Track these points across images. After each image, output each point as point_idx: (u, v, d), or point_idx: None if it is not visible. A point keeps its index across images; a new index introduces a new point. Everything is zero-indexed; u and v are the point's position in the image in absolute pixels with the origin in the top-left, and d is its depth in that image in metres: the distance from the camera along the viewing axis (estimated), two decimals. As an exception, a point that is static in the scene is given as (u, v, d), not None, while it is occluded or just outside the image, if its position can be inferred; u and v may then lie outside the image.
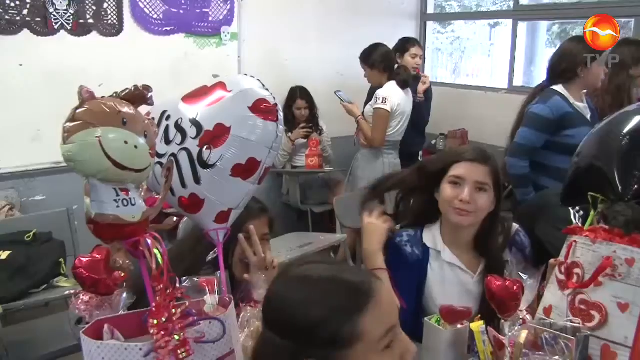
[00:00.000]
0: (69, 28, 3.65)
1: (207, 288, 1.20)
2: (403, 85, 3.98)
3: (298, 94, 4.65)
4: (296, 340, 0.95)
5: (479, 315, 1.53)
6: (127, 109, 1.03)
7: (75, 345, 1.04)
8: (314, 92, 4.72)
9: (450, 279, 1.78)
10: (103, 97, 1.03)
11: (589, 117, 2.92)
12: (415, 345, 1.00)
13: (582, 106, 2.95)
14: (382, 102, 3.91)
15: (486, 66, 5.69)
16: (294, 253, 2.87)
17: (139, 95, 1.07)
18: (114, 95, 1.06)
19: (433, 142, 5.15)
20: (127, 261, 1.06)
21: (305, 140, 4.60)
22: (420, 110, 4.23)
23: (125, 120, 1.01)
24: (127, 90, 1.07)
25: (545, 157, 2.93)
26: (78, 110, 0.98)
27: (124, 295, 1.18)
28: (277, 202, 4.91)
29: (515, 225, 1.89)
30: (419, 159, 4.46)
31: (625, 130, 1.48)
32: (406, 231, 1.85)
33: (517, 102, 3.22)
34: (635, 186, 1.45)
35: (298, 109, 4.65)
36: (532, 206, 2.58)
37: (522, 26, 4.89)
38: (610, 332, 1.40)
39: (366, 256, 1.70)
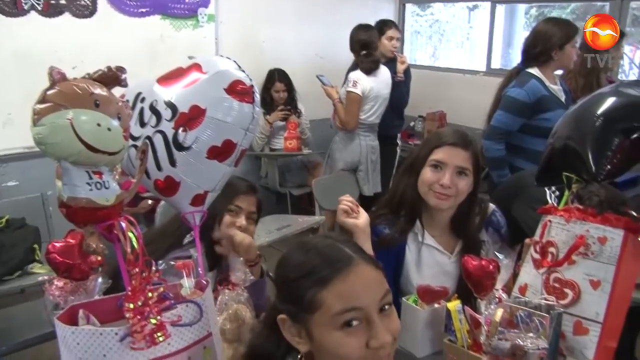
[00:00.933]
0: (39, 9, 3.56)
1: (183, 271, 1.20)
2: (367, 72, 3.97)
3: (276, 76, 4.63)
4: (277, 295, 1.05)
5: (456, 295, 1.55)
6: (99, 90, 1.01)
7: (51, 332, 1.03)
8: (292, 74, 4.69)
9: (427, 260, 1.80)
10: (75, 78, 1.01)
11: (563, 99, 2.96)
12: (387, 335, 0.99)
13: (557, 89, 2.98)
14: (353, 86, 3.92)
15: (465, 49, 5.70)
16: (272, 235, 2.86)
17: (112, 77, 1.05)
18: (86, 76, 1.04)
19: (412, 124, 5.17)
20: (101, 245, 1.05)
21: (284, 123, 4.59)
22: (400, 90, 4.23)
23: (97, 102, 0.99)
24: (100, 72, 1.05)
25: (522, 140, 2.95)
26: (48, 92, 0.96)
27: (99, 280, 1.17)
28: (255, 185, 4.88)
29: (492, 206, 1.91)
30: (397, 141, 4.46)
31: (599, 111, 1.50)
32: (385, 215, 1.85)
33: (495, 84, 3.24)
34: (608, 166, 1.47)
35: (276, 91, 4.62)
36: (508, 187, 2.60)
37: (500, 9, 4.91)
38: (583, 309, 1.43)
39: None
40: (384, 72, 4.07)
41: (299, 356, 1.04)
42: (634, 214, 1.41)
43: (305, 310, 0.99)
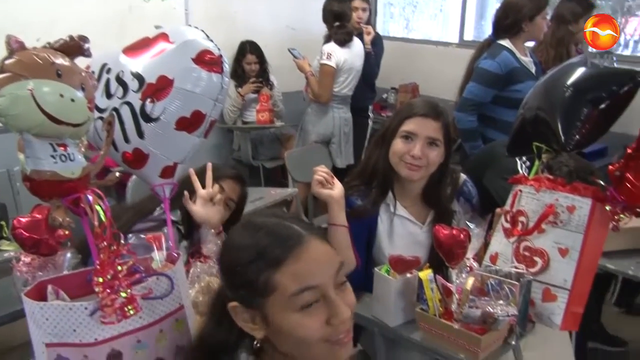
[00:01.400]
0: (1, -21, 3.44)
1: (154, 244, 1.18)
2: (341, 44, 3.94)
3: (248, 48, 4.56)
4: (225, 281, 0.99)
5: (428, 264, 1.56)
6: (61, 60, 0.98)
7: (23, 310, 1.01)
8: (264, 46, 4.63)
9: (399, 231, 1.81)
10: (35, 47, 0.98)
11: (533, 71, 2.98)
12: (347, 310, 0.96)
13: (528, 60, 3.01)
14: (327, 58, 3.88)
15: (438, 20, 5.68)
16: (245, 208, 2.84)
17: (74, 46, 1.02)
18: (47, 46, 1.00)
19: (384, 96, 5.16)
20: (67, 219, 1.03)
21: (256, 95, 4.53)
22: (369, 62, 4.21)
23: (59, 72, 0.96)
24: (62, 41, 1.01)
25: (494, 111, 2.97)
26: (7, 62, 0.93)
27: (68, 255, 1.15)
28: (228, 159, 4.85)
29: (463, 176, 1.92)
30: (369, 113, 4.44)
31: (569, 82, 1.51)
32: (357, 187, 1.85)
33: (467, 56, 3.24)
34: (577, 137, 1.48)
35: (248, 63, 4.56)
36: (480, 158, 2.63)
37: (473, -20, 4.89)
38: (551, 276, 1.46)
39: (329, 214, 1.69)
40: (357, 44, 4.04)
41: (255, 342, 1.00)
42: (602, 183, 1.44)
43: (259, 295, 0.94)
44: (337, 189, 1.67)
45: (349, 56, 3.95)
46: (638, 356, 2.92)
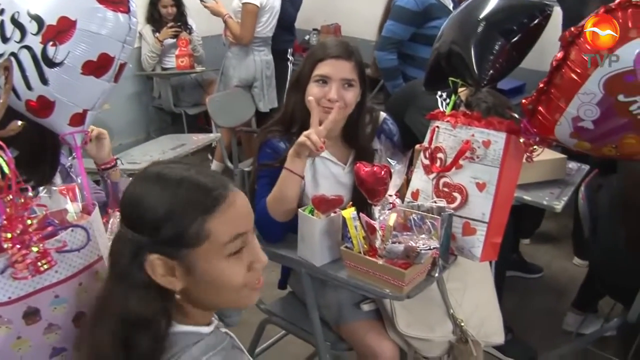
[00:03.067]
0: None
1: (67, 196, 1.13)
2: None
3: (163, -10, 4.36)
4: (144, 234, 0.93)
5: (351, 203, 1.57)
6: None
7: None
8: (180, -12, 4.43)
9: (322, 171, 1.81)
10: None
11: (451, 7, 3.01)
12: (264, 255, 1.00)
13: (444, -4, 3.03)
14: None
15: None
16: (166, 155, 2.78)
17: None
18: None
19: (306, 37, 5.10)
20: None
21: (174, 40, 4.38)
22: (284, 5, 4.10)
23: (-59, 12, 0.87)
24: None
25: (413, 49, 3.00)
26: None
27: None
28: (149, 107, 4.70)
29: (383, 114, 1.93)
30: (289, 56, 4.37)
31: (482, 15, 1.52)
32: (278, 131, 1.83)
33: (390, -5, 3.22)
34: (491, 71, 1.50)
35: (164, 6, 4.38)
36: (401, 96, 2.66)
37: None
38: (470, 211, 1.50)
39: (291, 159, 1.65)
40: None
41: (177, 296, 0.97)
42: (516, 116, 1.47)
43: (186, 246, 0.92)
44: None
45: None
46: (552, 281, 3.12)
